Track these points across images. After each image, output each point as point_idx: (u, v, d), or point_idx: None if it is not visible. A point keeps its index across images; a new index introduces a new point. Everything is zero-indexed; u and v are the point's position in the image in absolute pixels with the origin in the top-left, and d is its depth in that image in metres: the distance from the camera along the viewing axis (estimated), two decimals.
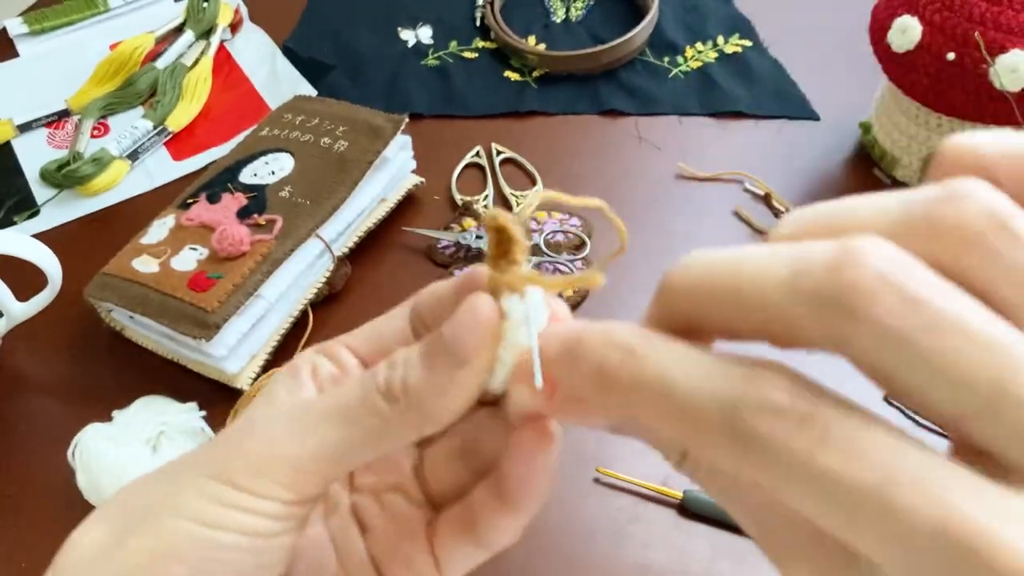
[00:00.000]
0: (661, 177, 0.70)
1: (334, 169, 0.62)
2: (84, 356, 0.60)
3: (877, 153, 0.68)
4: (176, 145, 0.75)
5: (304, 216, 0.59)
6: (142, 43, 0.80)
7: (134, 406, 0.53)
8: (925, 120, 0.63)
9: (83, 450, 0.50)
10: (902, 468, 0.14)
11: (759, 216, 0.66)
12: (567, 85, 0.77)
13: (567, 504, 0.51)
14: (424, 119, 0.75)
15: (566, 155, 0.72)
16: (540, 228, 0.65)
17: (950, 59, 0.58)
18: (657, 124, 0.74)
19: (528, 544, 0.50)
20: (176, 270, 0.57)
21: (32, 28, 0.86)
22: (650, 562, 0.48)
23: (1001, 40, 0.56)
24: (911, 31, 0.59)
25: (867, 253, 0.14)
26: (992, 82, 0.57)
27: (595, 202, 0.22)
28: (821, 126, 0.73)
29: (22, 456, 0.56)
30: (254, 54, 0.83)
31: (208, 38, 0.83)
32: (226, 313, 0.54)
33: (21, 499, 0.53)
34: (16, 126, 0.76)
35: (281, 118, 0.68)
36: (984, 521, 0.13)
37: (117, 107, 0.78)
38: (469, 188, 0.69)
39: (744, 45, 0.80)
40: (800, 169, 0.69)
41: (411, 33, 0.84)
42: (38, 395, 0.59)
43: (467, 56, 0.81)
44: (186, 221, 0.60)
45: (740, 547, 0.49)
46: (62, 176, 0.71)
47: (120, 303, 0.56)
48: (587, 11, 0.85)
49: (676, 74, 0.78)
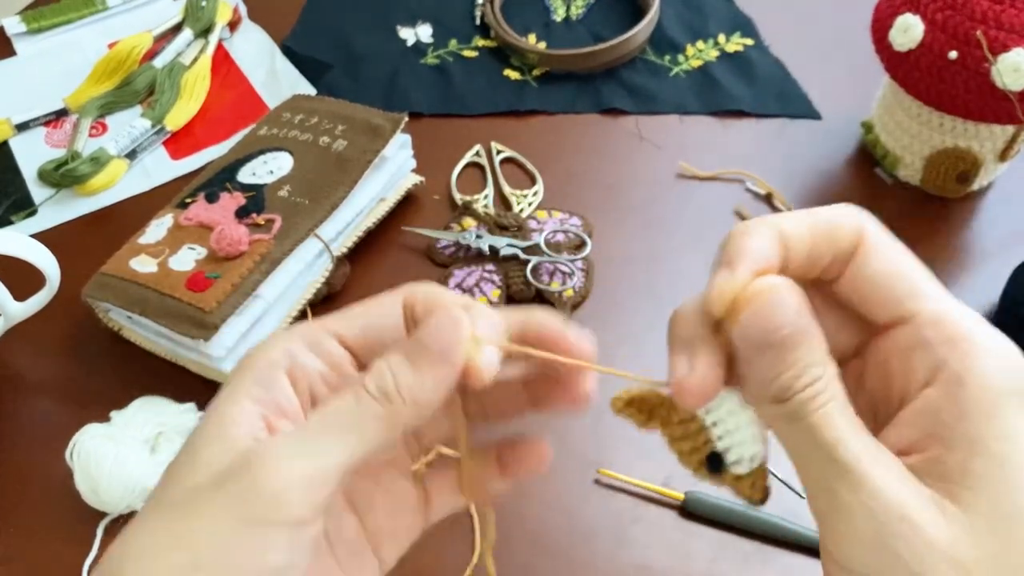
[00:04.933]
0: (662, 176, 0.69)
1: (333, 168, 0.62)
2: (82, 356, 0.60)
3: (879, 152, 0.68)
4: (174, 144, 0.75)
5: (303, 215, 0.59)
6: (140, 42, 0.80)
7: (132, 406, 0.53)
8: (927, 119, 0.63)
9: (81, 450, 0.50)
10: None
11: (760, 215, 0.66)
12: (567, 84, 0.77)
13: (568, 505, 0.51)
14: (424, 118, 0.74)
15: (566, 154, 0.71)
16: (540, 228, 0.65)
17: (952, 58, 0.57)
18: (658, 123, 0.74)
19: (529, 544, 0.50)
20: (174, 270, 0.56)
21: (30, 26, 0.85)
22: (651, 563, 0.48)
23: (1003, 39, 0.56)
24: (913, 30, 0.59)
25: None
26: (994, 81, 0.57)
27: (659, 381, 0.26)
28: (822, 125, 0.72)
29: (20, 456, 0.55)
30: (253, 53, 0.82)
31: (206, 37, 0.82)
32: (224, 313, 0.54)
33: (19, 499, 0.53)
34: (14, 125, 0.76)
35: (280, 117, 0.67)
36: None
37: (115, 106, 0.77)
38: (469, 187, 0.69)
39: (745, 44, 0.79)
40: (801, 168, 0.69)
41: (410, 31, 0.84)
42: (36, 395, 0.59)
43: (467, 55, 0.81)
44: (184, 221, 0.60)
45: (742, 548, 0.49)
46: (60, 175, 0.70)
47: (118, 303, 0.56)
48: (587, 9, 0.85)
49: (677, 73, 0.78)
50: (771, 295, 0.23)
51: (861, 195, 0.67)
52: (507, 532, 0.50)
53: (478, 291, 0.61)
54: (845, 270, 0.25)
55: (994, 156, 0.63)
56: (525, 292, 0.61)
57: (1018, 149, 0.62)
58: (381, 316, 0.28)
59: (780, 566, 0.48)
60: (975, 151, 0.62)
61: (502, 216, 0.65)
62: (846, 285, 0.25)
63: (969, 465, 0.22)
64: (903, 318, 0.24)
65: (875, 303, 0.25)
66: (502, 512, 0.51)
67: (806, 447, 0.23)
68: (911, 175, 0.66)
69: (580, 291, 0.61)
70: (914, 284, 0.25)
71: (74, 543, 0.50)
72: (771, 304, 0.23)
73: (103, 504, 0.50)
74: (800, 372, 0.23)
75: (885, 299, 0.25)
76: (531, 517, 0.51)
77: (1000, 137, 0.61)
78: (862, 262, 0.25)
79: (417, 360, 0.25)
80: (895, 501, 0.22)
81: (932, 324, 0.24)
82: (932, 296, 0.25)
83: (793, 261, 0.25)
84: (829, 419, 0.23)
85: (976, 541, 0.22)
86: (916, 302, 0.24)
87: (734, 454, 0.23)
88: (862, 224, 0.25)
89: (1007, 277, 0.57)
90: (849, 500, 0.22)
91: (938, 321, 0.24)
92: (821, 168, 0.69)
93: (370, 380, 0.25)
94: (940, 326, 0.24)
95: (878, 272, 0.25)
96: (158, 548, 0.23)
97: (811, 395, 0.23)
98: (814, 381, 0.23)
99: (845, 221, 0.25)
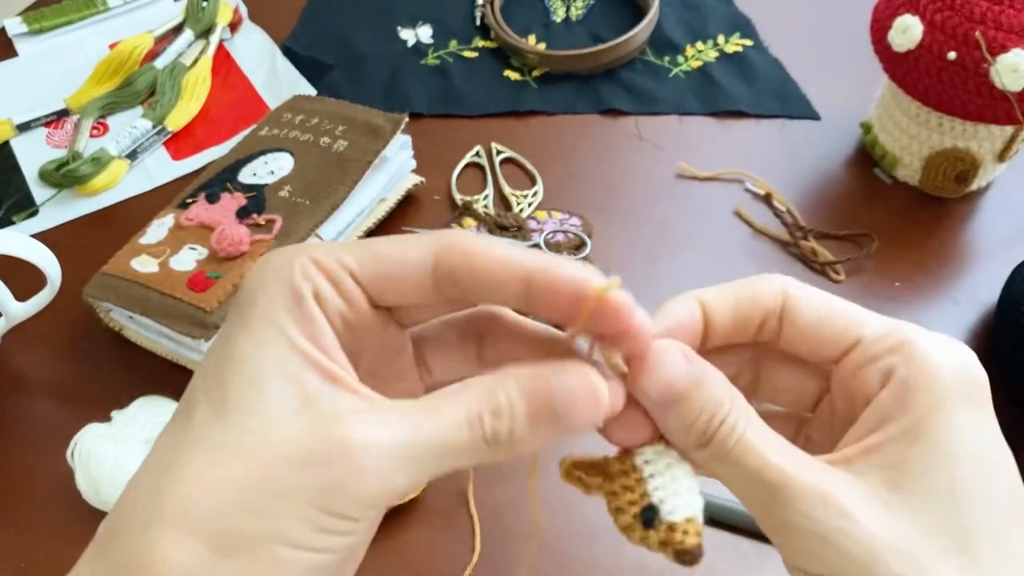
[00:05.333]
0: (661, 177, 0.69)
1: (333, 169, 0.62)
2: (83, 356, 0.60)
3: (878, 152, 0.68)
4: (175, 145, 0.75)
5: (303, 216, 0.59)
6: (141, 43, 0.80)
7: (133, 406, 0.53)
8: (926, 119, 0.63)
9: (82, 450, 0.50)
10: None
11: (760, 216, 0.66)
12: (567, 84, 0.77)
13: (568, 504, 0.51)
14: (424, 118, 0.75)
15: (566, 155, 0.72)
16: (540, 228, 0.65)
17: (951, 58, 0.58)
18: (657, 123, 0.74)
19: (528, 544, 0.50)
20: (175, 270, 0.56)
21: (31, 27, 0.85)
22: (651, 563, 0.48)
23: (1002, 39, 0.56)
24: (912, 30, 0.59)
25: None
26: (993, 81, 0.57)
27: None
28: (822, 125, 0.73)
29: (21, 456, 0.55)
30: (253, 53, 0.82)
31: (207, 37, 0.82)
32: (225, 313, 0.54)
33: (20, 499, 0.53)
34: (15, 125, 0.76)
35: (280, 118, 0.67)
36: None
37: (116, 107, 0.77)
38: (469, 188, 0.69)
39: (745, 44, 0.80)
40: (801, 169, 0.69)
41: (411, 32, 0.84)
42: (37, 395, 0.59)
43: (467, 55, 0.81)
44: (185, 221, 0.60)
45: (741, 548, 0.49)
46: (61, 176, 0.70)
47: (119, 303, 0.56)
48: (587, 10, 0.85)
49: (677, 73, 0.78)
50: (656, 357, 0.24)
51: (860, 195, 0.67)
52: (507, 532, 0.50)
53: None
54: (782, 327, 0.27)
55: (993, 156, 0.63)
56: None
57: (1017, 149, 0.62)
58: (402, 266, 0.24)
59: (780, 566, 0.48)
60: (974, 151, 0.62)
61: (502, 216, 0.65)
62: (789, 339, 0.27)
63: (907, 452, 0.23)
64: (851, 346, 0.26)
65: (821, 344, 0.26)
66: (502, 512, 0.51)
67: (740, 479, 0.24)
68: (910, 175, 0.67)
69: None
70: (851, 315, 0.26)
71: (75, 543, 0.50)
72: (659, 364, 0.24)
73: (104, 504, 0.50)
74: (710, 413, 0.24)
75: (829, 338, 0.26)
76: (531, 517, 0.51)
77: (999, 137, 0.62)
78: (794, 314, 0.26)
79: (538, 419, 0.23)
80: (832, 503, 0.23)
81: (877, 340, 0.25)
82: (871, 319, 0.26)
83: (719, 325, 0.27)
84: (748, 446, 0.24)
85: (916, 526, 0.23)
86: (858, 328, 0.26)
87: (669, 504, 0.24)
88: (783, 282, 0.27)
89: (1006, 277, 0.57)
90: (789, 516, 0.23)
91: (883, 336, 0.25)
92: (820, 168, 0.69)
93: (488, 419, 0.23)
94: (885, 339, 0.25)
95: (812, 316, 0.26)
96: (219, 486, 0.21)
97: (727, 431, 0.24)
98: (725, 416, 0.24)
99: (765, 283, 0.27)
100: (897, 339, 0.25)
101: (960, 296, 0.61)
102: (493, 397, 0.23)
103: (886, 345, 0.25)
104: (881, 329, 0.25)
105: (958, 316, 0.60)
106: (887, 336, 0.25)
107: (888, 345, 0.25)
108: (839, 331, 0.26)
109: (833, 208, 0.66)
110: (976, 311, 0.60)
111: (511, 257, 0.23)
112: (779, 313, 0.26)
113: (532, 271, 0.23)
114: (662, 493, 0.24)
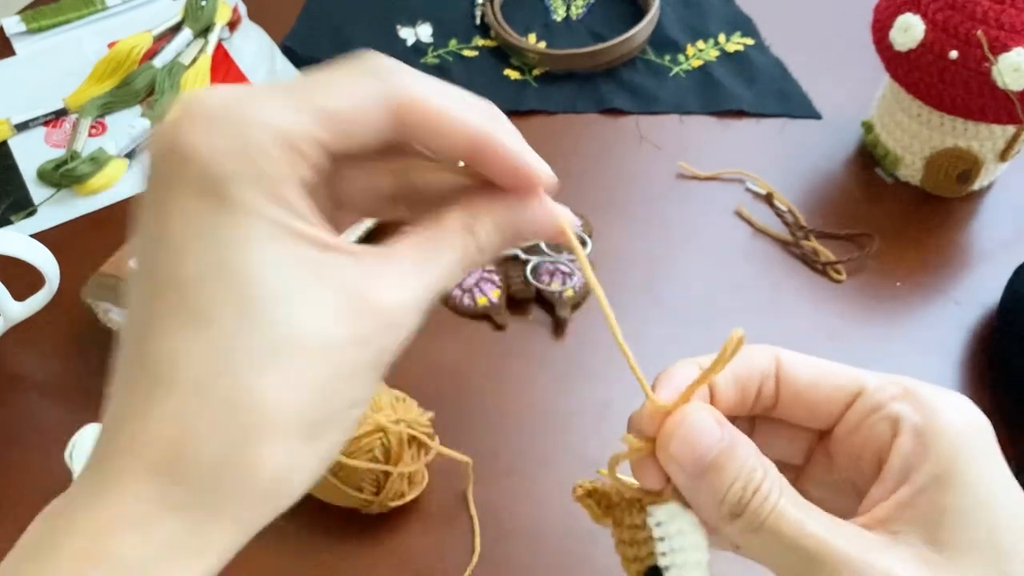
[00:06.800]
0: (662, 176, 0.69)
1: None
2: (81, 356, 0.60)
3: (879, 152, 0.68)
4: None
5: None
6: (140, 42, 0.80)
7: None
8: (927, 119, 0.63)
9: (80, 450, 0.50)
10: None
11: (760, 215, 0.66)
12: (567, 84, 0.77)
13: (568, 504, 0.51)
14: None
15: (566, 154, 0.71)
16: None
17: (952, 57, 0.57)
18: (658, 123, 0.73)
19: (528, 544, 0.50)
20: None
21: (29, 26, 0.85)
22: None
23: (1004, 38, 0.56)
24: (913, 29, 0.59)
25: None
26: (995, 80, 0.57)
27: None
28: (823, 125, 0.72)
29: (19, 456, 0.55)
30: (253, 52, 0.82)
31: (206, 36, 0.82)
32: None
33: (17, 500, 0.53)
34: (13, 125, 0.76)
35: None
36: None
37: (115, 106, 0.77)
38: None
39: (746, 43, 0.79)
40: (802, 168, 0.69)
41: (410, 31, 0.83)
42: (35, 395, 0.59)
43: (467, 54, 0.81)
44: None
45: None
46: (59, 175, 0.70)
47: (118, 303, 0.56)
48: (587, 9, 0.85)
49: (677, 73, 0.78)
50: (689, 421, 0.24)
51: (861, 195, 0.67)
52: (507, 532, 0.50)
53: (478, 291, 0.61)
54: (779, 391, 0.27)
55: (994, 156, 0.63)
56: (525, 292, 0.61)
57: (1018, 149, 0.62)
58: (361, 125, 0.22)
59: None
60: (975, 151, 0.62)
61: None
62: (787, 402, 0.27)
63: (941, 502, 0.23)
64: (853, 397, 0.26)
65: (820, 402, 0.26)
66: (502, 512, 0.51)
67: (775, 550, 0.23)
68: (911, 175, 0.66)
69: (580, 291, 0.61)
70: (847, 371, 0.26)
71: None
72: (693, 430, 0.24)
73: None
74: (744, 481, 0.23)
75: (829, 393, 0.26)
76: (531, 517, 0.51)
77: (1000, 137, 0.61)
78: (791, 375, 0.27)
79: (507, 245, 0.27)
80: (877, 572, 0.22)
81: (879, 389, 0.25)
82: (867, 373, 0.26)
83: (722, 390, 0.27)
84: (784, 515, 0.23)
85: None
86: (858, 381, 0.26)
87: (674, 572, 0.24)
88: (772, 348, 0.27)
89: (1008, 277, 0.57)
90: None
91: (883, 386, 0.25)
92: (821, 168, 0.69)
93: (475, 256, 0.25)
94: (887, 388, 0.25)
95: (809, 375, 0.27)
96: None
97: (760, 500, 0.23)
98: (760, 484, 0.23)
99: (756, 348, 0.27)
100: (900, 388, 0.25)
101: (962, 296, 0.61)
102: (477, 238, 0.25)
103: (889, 394, 0.25)
104: (880, 380, 0.26)
105: (959, 316, 0.60)
106: (889, 385, 0.25)
107: (891, 394, 0.25)
108: (839, 385, 0.26)
109: (834, 208, 0.66)
110: (978, 311, 0.60)
111: (464, 119, 0.24)
112: (774, 374, 0.27)
113: (475, 138, 0.25)
114: (668, 560, 0.24)
